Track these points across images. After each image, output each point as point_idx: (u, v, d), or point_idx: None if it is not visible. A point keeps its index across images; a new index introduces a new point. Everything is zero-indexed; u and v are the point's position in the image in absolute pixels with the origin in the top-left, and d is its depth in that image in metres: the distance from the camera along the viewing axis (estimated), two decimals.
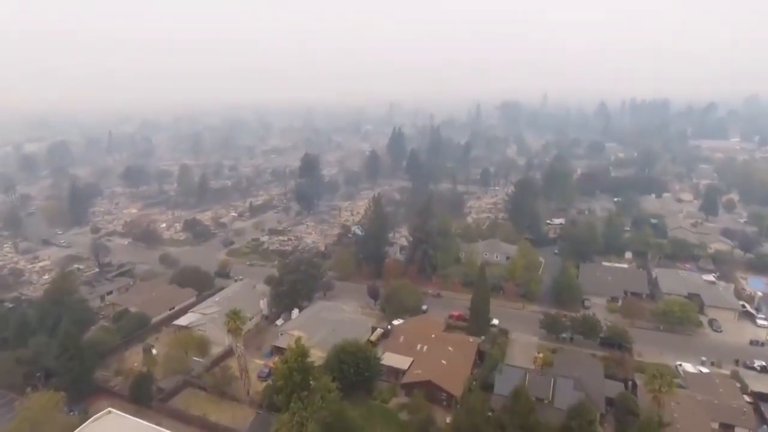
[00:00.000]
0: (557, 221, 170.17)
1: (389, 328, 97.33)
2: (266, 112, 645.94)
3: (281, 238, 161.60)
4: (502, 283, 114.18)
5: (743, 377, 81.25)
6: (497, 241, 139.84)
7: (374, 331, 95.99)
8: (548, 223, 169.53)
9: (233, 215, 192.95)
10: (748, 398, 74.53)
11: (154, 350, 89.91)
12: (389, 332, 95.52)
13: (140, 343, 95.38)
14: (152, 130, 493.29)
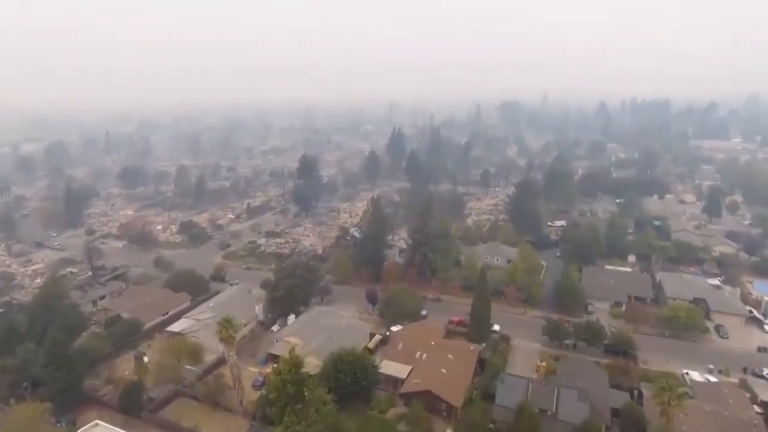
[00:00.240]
0: (558, 223, 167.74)
1: (388, 334, 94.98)
2: (266, 112, 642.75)
3: (278, 240, 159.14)
4: (503, 287, 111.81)
5: (752, 386, 78.95)
6: (498, 243, 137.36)
7: (372, 337, 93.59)
8: (549, 225, 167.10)
9: (230, 217, 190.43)
10: (758, 408, 72.12)
11: (145, 358, 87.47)
12: (388, 339, 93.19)
13: (132, 350, 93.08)
14: (151, 130, 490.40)
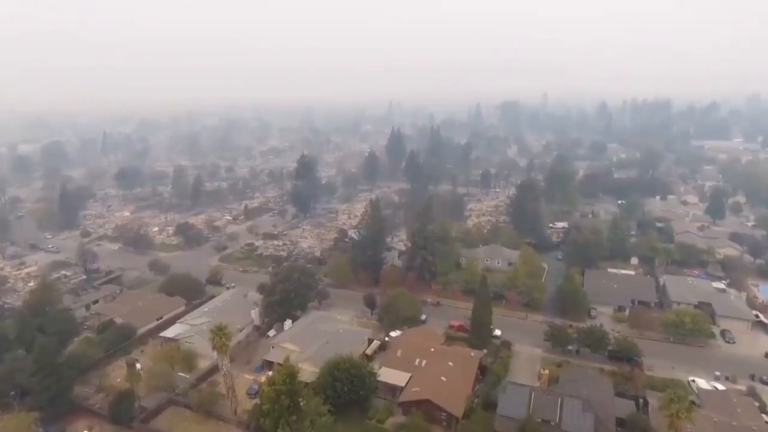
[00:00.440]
0: (560, 225, 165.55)
1: (387, 340, 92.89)
2: (265, 111, 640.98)
3: (276, 242, 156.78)
4: (504, 291, 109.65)
5: (760, 394, 76.94)
6: (498, 246, 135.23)
7: (371, 343, 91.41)
8: (551, 226, 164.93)
9: (227, 218, 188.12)
10: (767, 418, 70.06)
11: (138, 365, 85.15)
12: (386, 345, 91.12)
13: (125, 356, 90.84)
14: (150, 130, 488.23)
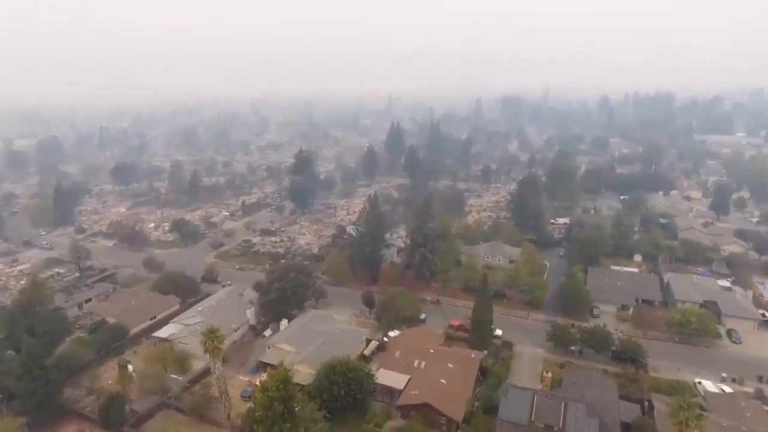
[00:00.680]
0: (562, 221, 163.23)
1: (385, 340, 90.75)
2: (263, 105, 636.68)
3: (273, 239, 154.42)
4: (505, 289, 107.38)
5: None
6: (499, 243, 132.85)
7: (369, 343, 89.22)
8: (552, 222, 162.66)
9: (224, 214, 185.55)
10: None
11: (130, 366, 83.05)
12: (385, 345, 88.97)
13: (117, 356, 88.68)
14: (147, 124, 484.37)
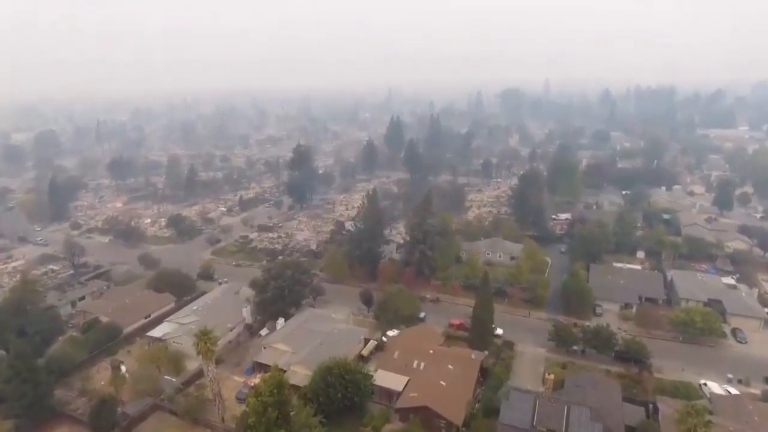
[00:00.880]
0: (563, 216, 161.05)
1: (383, 340, 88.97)
2: (262, 99, 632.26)
3: (271, 235, 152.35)
4: (506, 287, 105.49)
5: None
6: (500, 239, 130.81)
7: (367, 343, 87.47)
8: (554, 218, 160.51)
9: (222, 210, 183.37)
10: None
11: (123, 367, 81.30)
12: (383, 345, 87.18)
13: (110, 356, 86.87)
14: (145, 119, 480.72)
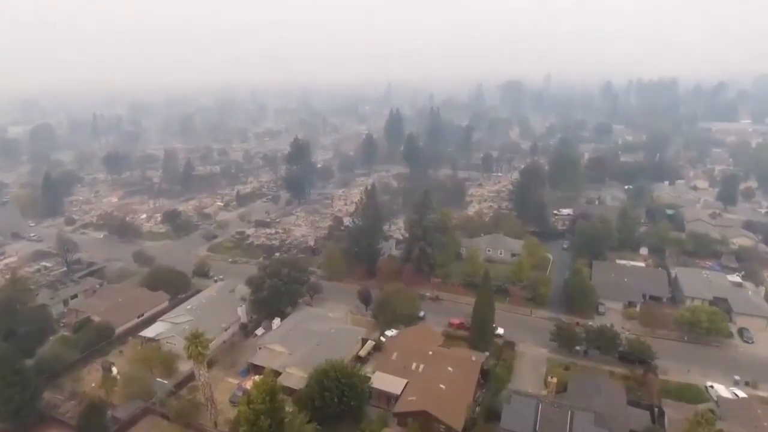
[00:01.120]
0: (565, 211, 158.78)
1: (382, 340, 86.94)
2: (261, 93, 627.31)
3: (268, 230, 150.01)
4: (507, 285, 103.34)
5: None
6: (501, 235, 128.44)
7: (365, 344, 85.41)
8: (555, 213, 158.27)
9: (219, 205, 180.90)
10: None
11: (114, 368, 79.31)
12: (381, 345, 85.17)
13: (102, 357, 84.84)
14: (143, 112, 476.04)
